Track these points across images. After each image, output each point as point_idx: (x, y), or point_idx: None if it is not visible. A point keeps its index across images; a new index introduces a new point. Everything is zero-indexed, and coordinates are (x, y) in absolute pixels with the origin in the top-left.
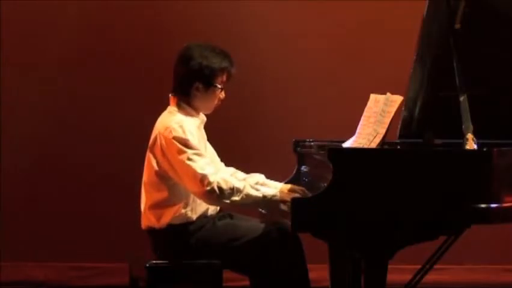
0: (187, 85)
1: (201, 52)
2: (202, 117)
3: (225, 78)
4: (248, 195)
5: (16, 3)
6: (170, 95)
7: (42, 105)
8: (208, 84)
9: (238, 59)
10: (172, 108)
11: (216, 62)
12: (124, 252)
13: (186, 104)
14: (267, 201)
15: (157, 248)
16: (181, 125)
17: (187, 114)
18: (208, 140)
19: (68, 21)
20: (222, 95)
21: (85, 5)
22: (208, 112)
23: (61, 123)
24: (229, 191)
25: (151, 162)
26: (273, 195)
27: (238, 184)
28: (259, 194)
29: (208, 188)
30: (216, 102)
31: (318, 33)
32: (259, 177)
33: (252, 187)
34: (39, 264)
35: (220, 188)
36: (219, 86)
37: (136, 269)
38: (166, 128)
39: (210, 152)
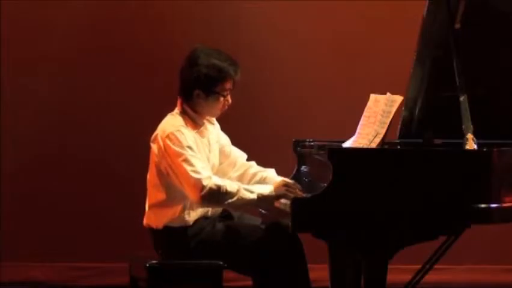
0: (189, 91)
1: (205, 59)
2: (206, 123)
3: (228, 85)
4: (241, 198)
5: (17, 2)
6: (178, 96)
7: (42, 105)
8: (208, 92)
9: (238, 59)
10: (175, 112)
11: (217, 71)
12: (125, 252)
13: (190, 108)
14: (263, 200)
15: (157, 248)
16: (179, 129)
17: (190, 118)
18: None
19: (68, 20)
20: (228, 101)
21: (85, 4)
22: (213, 117)
23: (61, 123)
24: (222, 195)
25: (152, 163)
26: (269, 193)
27: (232, 188)
28: (253, 196)
29: (202, 192)
30: (219, 108)
31: (318, 33)
32: (270, 172)
33: (246, 190)
34: (39, 264)
35: (213, 193)
36: (221, 93)
37: (136, 269)
38: (164, 131)
39: (214, 154)
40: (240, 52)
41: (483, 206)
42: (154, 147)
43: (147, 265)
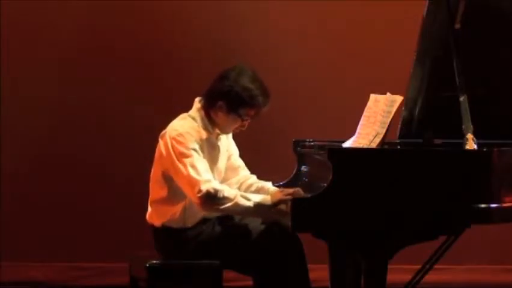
0: (213, 99)
1: (243, 79)
2: (217, 132)
3: (252, 113)
4: (238, 205)
5: (17, 2)
6: (196, 98)
7: (42, 105)
8: (231, 109)
9: (238, 59)
10: (189, 114)
11: (249, 96)
12: (125, 252)
13: (207, 115)
14: (258, 208)
15: (158, 247)
16: (188, 131)
17: (203, 125)
18: None
19: (68, 20)
20: (244, 126)
21: (85, 4)
22: (224, 134)
23: (61, 123)
24: (219, 200)
25: (157, 159)
26: (264, 200)
27: (229, 193)
28: (249, 204)
29: (199, 195)
30: (234, 127)
31: (318, 33)
32: (266, 183)
33: (244, 197)
34: (39, 264)
35: (210, 196)
36: (242, 117)
37: (136, 269)
38: (174, 131)
39: (222, 163)
40: (240, 52)
41: (483, 206)
42: (161, 143)
43: (147, 265)
